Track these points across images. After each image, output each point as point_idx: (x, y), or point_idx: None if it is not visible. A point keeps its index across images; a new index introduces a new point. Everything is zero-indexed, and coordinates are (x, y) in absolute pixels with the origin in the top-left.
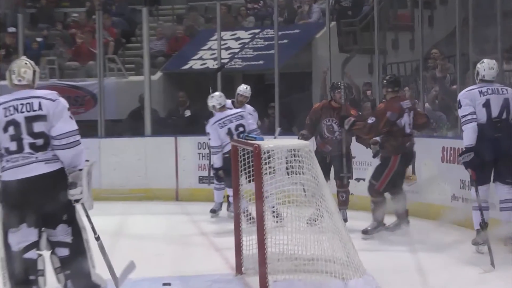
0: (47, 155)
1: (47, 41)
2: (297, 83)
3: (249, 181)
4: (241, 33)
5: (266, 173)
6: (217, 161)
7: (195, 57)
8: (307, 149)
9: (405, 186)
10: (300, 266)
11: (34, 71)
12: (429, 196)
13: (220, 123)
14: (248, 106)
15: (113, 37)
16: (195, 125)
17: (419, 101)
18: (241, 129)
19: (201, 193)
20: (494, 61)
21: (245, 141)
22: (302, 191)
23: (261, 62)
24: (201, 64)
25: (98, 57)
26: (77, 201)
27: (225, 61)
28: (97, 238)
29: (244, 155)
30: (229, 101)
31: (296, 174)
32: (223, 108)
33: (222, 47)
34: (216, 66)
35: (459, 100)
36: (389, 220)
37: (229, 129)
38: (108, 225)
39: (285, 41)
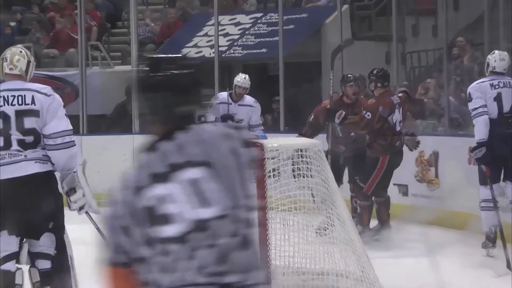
0: (37, 153)
1: (21, 25)
2: (304, 74)
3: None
4: (241, 18)
5: (269, 176)
6: None
7: (189, 44)
8: (316, 149)
9: (428, 191)
10: (308, 281)
11: (29, 62)
12: (454, 203)
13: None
14: (248, 98)
15: (97, 22)
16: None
17: (444, 94)
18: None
19: None
20: (506, 52)
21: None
22: (311, 197)
23: (263, 50)
24: (196, 53)
25: (79, 44)
26: (82, 208)
27: (223, 49)
28: None
29: None
30: (225, 94)
31: (304, 177)
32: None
33: (220, 33)
34: (212, 55)
35: (469, 93)
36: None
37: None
38: (88, 235)
39: (291, 26)
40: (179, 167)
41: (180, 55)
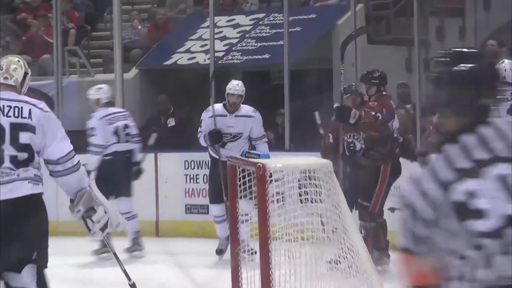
0: (29, 173)
1: None
2: (313, 83)
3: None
4: (240, 19)
5: (272, 201)
6: (94, 162)
7: (181, 49)
8: (326, 169)
9: None
10: None
11: (26, 73)
12: None
13: (108, 119)
14: (246, 107)
15: (75, 24)
16: (181, 137)
17: None
18: (128, 130)
19: (189, 226)
20: None
21: (245, 159)
22: (320, 225)
23: (266, 56)
24: (189, 59)
25: (55, 50)
26: (104, 228)
27: (220, 54)
28: (132, 286)
29: (244, 177)
30: (219, 105)
31: (312, 202)
32: (108, 104)
33: (216, 36)
34: (207, 61)
35: None
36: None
37: (117, 127)
38: (68, 270)
39: (297, 29)
40: (487, 163)
41: (474, 48)
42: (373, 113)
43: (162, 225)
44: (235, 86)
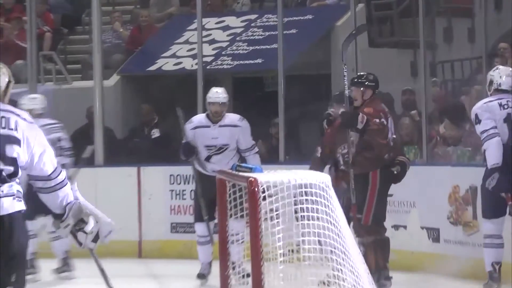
0: (12, 188)
1: None
2: (310, 89)
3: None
4: (231, 20)
5: (265, 219)
6: (23, 178)
7: (167, 53)
8: (324, 184)
9: (464, 236)
10: None
11: (9, 82)
12: None
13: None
14: (231, 116)
15: (51, 26)
16: (166, 150)
17: None
18: (61, 143)
19: (175, 247)
20: (510, 68)
21: (236, 172)
22: (317, 244)
23: (259, 60)
24: (175, 64)
25: (29, 55)
26: (96, 239)
27: (209, 59)
28: None
29: (234, 192)
30: (201, 116)
31: (309, 220)
32: (41, 115)
33: (205, 39)
34: (195, 67)
35: (476, 115)
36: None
37: (50, 140)
38: None
39: (293, 31)
40: None
41: None
42: (377, 119)
43: (145, 245)
44: (215, 93)
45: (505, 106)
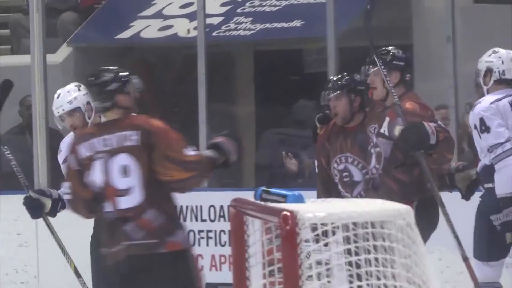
0: None
1: None
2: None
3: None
4: None
5: (310, 276)
6: None
7: (147, 12)
8: (403, 221)
9: None
10: None
11: None
12: None
13: None
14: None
15: None
16: None
17: None
18: None
19: None
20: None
21: (261, 203)
22: None
23: (296, 23)
24: (161, 29)
25: None
26: None
27: (216, 20)
28: None
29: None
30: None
31: (379, 278)
32: None
33: None
34: (192, 34)
35: (482, 119)
36: None
37: None
38: None
39: None
40: None
41: None
42: (434, 123)
43: None
44: (56, 100)
45: None
